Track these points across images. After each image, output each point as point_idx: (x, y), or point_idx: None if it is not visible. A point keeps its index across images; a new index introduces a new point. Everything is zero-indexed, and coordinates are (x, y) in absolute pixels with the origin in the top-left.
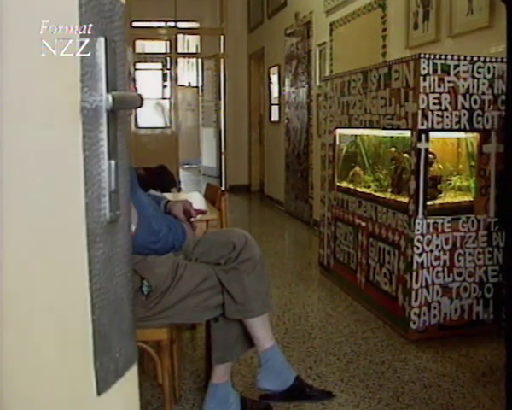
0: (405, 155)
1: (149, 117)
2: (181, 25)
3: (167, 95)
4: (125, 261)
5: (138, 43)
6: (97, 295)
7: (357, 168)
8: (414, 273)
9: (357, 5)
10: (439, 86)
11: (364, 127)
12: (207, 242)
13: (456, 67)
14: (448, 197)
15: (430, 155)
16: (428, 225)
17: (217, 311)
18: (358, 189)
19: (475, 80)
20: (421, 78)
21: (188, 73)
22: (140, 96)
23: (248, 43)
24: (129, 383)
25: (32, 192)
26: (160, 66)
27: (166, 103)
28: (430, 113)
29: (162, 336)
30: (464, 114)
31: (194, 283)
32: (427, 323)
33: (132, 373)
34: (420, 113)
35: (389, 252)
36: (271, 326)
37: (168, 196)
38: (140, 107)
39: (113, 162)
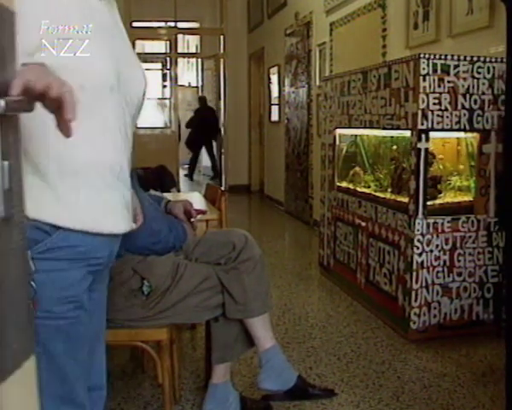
0: None
1: (151, 116)
2: (181, 25)
3: (167, 95)
4: (20, 256)
5: (138, 43)
6: None
7: (357, 168)
8: (414, 273)
9: (357, 5)
10: (439, 86)
11: (364, 127)
12: (207, 242)
13: (456, 67)
14: (448, 197)
15: (440, 156)
16: (428, 225)
17: (217, 311)
18: (358, 189)
19: (475, 80)
20: (421, 78)
21: (188, 73)
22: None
23: (248, 43)
24: (26, 374)
25: None
26: (159, 66)
27: (167, 103)
28: (430, 113)
29: (162, 336)
30: (464, 114)
31: (194, 282)
32: (427, 323)
33: (30, 364)
34: (420, 113)
35: (389, 252)
36: (271, 326)
37: (168, 196)
38: (30, 111)
39: (6, 163)
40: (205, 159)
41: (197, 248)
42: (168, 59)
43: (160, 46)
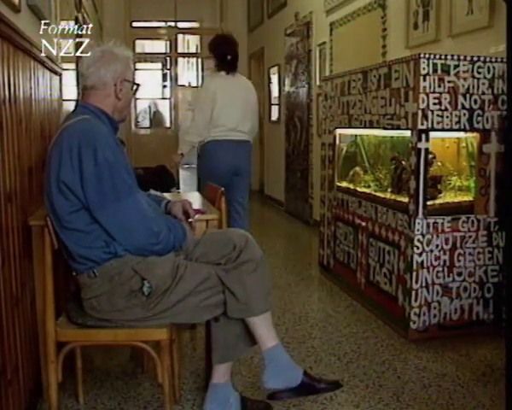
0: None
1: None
2: (181, 25)
3: (167, 95)
4: None
5: (138, 43)
6: None
7: (357, 168)
8: (414, 273)
9: (357, 5)
10: (439, 86)
11: (364, 127)
12: (207, 242)
13: (456, 67)
14: (448, 197)
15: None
16: (428, 225)
17: (217, 310)
18: (358, 189)
19: (475, 80)
20: (421, 78)
21: (188, 73)
22: None
23: (248, 43)
24: None
25: None
26: (159, 66)
27: (167, 103)
28: (430, 113)
29: (162, 336)
30: (464, 114)
31: (194, 283)
32: (427, 323)
33: None
34: (420, 113)
35: (389, 252)
36: (273, 325)
37: (168, 196)
38: None
39: None
40: None
41: (197, 248)
42: (168, 59)
43: (160, 46)
